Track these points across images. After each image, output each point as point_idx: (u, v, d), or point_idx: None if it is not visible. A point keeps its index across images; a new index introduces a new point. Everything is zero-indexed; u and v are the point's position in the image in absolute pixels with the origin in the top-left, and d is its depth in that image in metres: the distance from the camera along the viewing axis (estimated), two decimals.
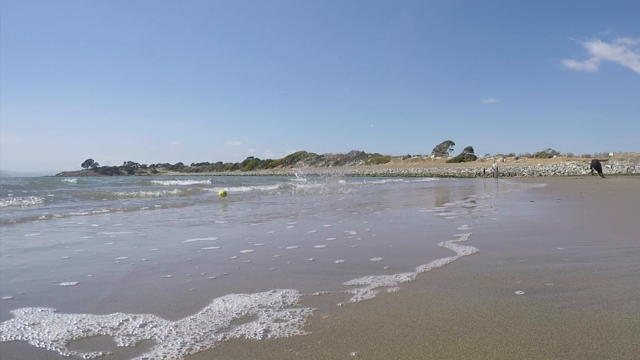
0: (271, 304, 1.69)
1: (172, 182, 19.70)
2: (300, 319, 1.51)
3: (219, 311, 1.61)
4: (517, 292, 1.78)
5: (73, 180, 22.50)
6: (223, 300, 1.73)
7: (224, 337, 1.36)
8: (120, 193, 10.31)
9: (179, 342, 1.32)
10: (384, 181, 25.84)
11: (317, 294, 1.82)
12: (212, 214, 5.80)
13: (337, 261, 2.48)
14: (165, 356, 1.22)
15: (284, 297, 1.77)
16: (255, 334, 1.38)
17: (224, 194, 7.03)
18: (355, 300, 1.73)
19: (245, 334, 1.39)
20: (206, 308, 1.64)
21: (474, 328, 1.40)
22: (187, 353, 1.25)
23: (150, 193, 10.56)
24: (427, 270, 2.22)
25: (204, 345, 1.30)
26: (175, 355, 1.23)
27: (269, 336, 1.37)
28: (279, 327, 1.44)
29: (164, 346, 1.29)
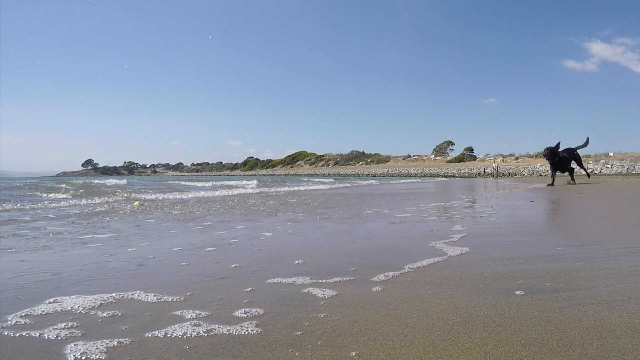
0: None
1: (203, 183, 17.63)
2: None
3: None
4: (517, 292, 1.78)
5: (123, 181, 21.43)
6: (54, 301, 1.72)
7: None
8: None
9: None
10: (394, 182, 26.01)
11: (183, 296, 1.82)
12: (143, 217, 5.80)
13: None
14: None
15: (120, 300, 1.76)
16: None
17: (140, 204, 7.02)
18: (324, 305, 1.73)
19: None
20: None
21: (474, 328, 1.40)
22: None
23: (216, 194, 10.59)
24: (427, 269, 2.22)
25: None
26: None
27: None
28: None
29: None
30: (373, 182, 23.22)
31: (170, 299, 1.77)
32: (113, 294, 1.84)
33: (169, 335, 1.39)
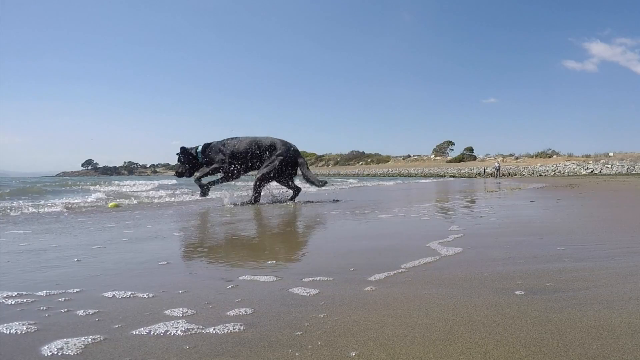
0: None
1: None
2: None
3: None
4: (517, 292, 1.78)
5: (173, 181, 20.91)
6: None
7: None
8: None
9: None
10: (423, 181, 25.98)
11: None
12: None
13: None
14: None
15: None
16: None
17: (115, 205, 6.96)
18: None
19: None
20: None
21: (474, 328, 1.40)
22: None
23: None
24: (426, 269, 2.22)
25: None
26: None
27: None
28: None
29: None
30: (386, 183, 23.32)
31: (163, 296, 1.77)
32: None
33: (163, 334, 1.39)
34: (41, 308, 1.67)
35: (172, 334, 1.40)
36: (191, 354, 1.25)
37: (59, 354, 1.26)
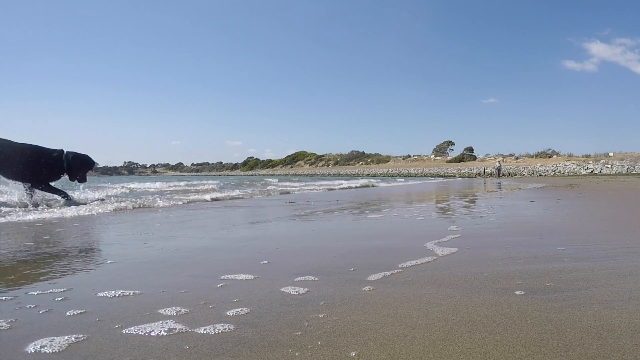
0: None
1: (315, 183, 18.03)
2: None
3: None
4: (517, 292, 1.78)
5: (217, 181, 20.06)
6: None
7: None
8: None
9: None
10: (414, 181, 25.92)
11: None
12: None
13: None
14: None
15: None
16: None
17: None
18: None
19: None
20: None
21: (474, 328, 1.40)
22: None
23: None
24: (426, 269, 2.22)
25: None
26: None
27: None
28: None
29: None
30: (402, 182, 23.31)
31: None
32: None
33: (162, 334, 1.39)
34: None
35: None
36: (191, 354, 1.26)
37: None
